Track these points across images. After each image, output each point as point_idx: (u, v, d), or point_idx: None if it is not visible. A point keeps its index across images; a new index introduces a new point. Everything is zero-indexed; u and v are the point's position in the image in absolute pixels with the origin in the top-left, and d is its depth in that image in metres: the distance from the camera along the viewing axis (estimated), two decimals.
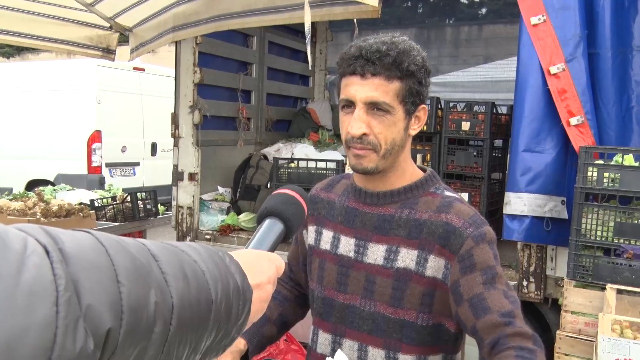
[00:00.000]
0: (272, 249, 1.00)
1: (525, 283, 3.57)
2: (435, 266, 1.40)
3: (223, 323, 0.74)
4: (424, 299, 1.41)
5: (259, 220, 1.06)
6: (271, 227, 1.03)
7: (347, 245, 1.53)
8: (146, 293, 0.63)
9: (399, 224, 1.46)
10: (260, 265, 0.87)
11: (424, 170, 1.55)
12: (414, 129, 1.47)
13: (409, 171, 1.51)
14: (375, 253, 1.47)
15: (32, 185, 8.89)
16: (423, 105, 1.46)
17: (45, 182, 8.67)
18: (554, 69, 3.33)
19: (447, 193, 1.50)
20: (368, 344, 1.47)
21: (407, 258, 1.43)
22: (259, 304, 0.84)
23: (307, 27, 2.87)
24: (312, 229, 1.65)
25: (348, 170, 3.20)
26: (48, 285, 0.54)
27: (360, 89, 1.37)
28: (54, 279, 0.55)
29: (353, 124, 1.38)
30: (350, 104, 1.40)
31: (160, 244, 0.71)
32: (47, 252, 0.57)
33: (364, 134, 1.38)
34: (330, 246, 1.56)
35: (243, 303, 0.77)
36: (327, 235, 1.59)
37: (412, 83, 1.38)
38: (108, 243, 0.64)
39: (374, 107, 1.38)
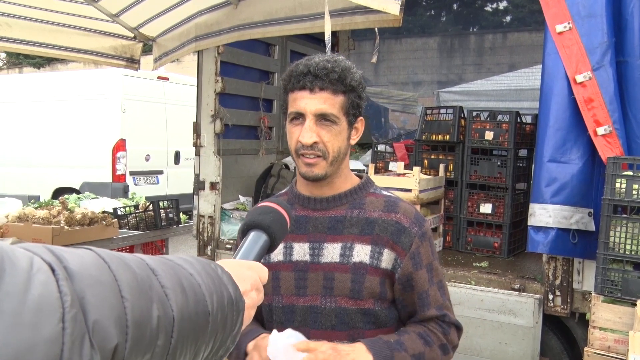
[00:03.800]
0: (258, 259, 1.05)
1: (550, 296, 3.48)
2: (388, 259, 1.58)
3: (219, 333, 0.76)
4: (380, 288, 1.57)
5: (242, 236, 1.12)
6: (254, 239, 1.09)
7: (301, 251, 1.63)
8: (149, 307, 0.65)
9: (351, 222, 1.61)
10: (242, 273, 0.89)
11: (359, 177, 1.72)
12: (354, 139, 1.64)
13: (350, 176, 1.69)
14: (331, 252, 1.60)
15: (58, 193, 9.01)
16: (361, 117, 1.63)
17: (71, 190, 8.79)
18: (580, 78, 3.26)
19: (385, 193, 1.70)
20: (333, 339, 1.56)
21: (361, 253, 1.58)
22: (247, 312, 0.86)
23: (328, 36, 2.86)
24: None
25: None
26: (54, 302, 0.56)
27: (310, 102, 1.52)
28: (59, 295, 0.57)
29: (304, 134, 1.52)
30: (299, 116, 1.55)
31: (157, 259, 0.73)
32: (53, 270, 0.58)
33: (315, 142, 1.53)
34: (284, 256, 1.65)
35: (237, 313, 0.80)
36: (278, 247, 1.62)
37: (354, 97, 1.56)
38: (110, 259, 0.66)
39: (322, 118, 1.53)
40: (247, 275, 0.90)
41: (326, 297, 1.59)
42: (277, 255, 1.66)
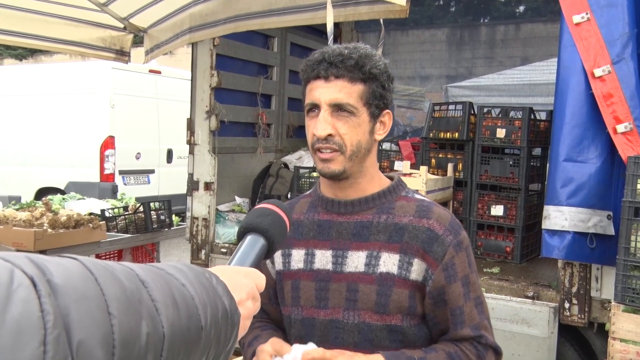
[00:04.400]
0: (255, 264, 1.04)
1: (567, 305, 3.47)
2: (418, 270, 1.51)
3: (212, 349, 0.75)
4: (409, 302, 1.51)
5: (239, 239, 1.11)
6: (251, 243, 1.09)
7: (323, 259, 1.59)
8: (138, 324, 0.63)
9: (378, 229, 1.55)
10: (237, 282, 0.88)
11: (390, 178, 1.67)
12: (380, 134, 1.57)
13: (377, 177, 1.62)
14: (356, 260, 1.54)
15: (41, 193, 9.01)
16: (387, 110, 1.57)
17: (55, 191, 8.78)
18: (598, 72, 3.25)
19: (418, 196, 1.63)
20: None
21: (389, 262, 1.52)
22: (242, 322, 0.85)
23: (330, 27, 2.85)
24: (278, 255, 1.67)
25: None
26: (36, 322, 0.55)
27: (324, 91, 1.48)
28: (42, 315, 0.55)
29: (318, 126, 1.48)
30: (315, 107, 1.51)
31: (147, 268, 0.72)
32: (35, 285, 0.57)
33: (330, 135, 1.48)
34: (304, 264, 1.61)
35: (231, 327, 0.79)
36: (298, 254, 1.62)
37: (375, 86, 1.50)
38: (97, 271, 0.64)
39: (338, 108, 1.48)
40: (243, 284, 0.89)
41: (349, 311, 1.53)
42: (298, 262, 1.62)
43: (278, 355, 1.47)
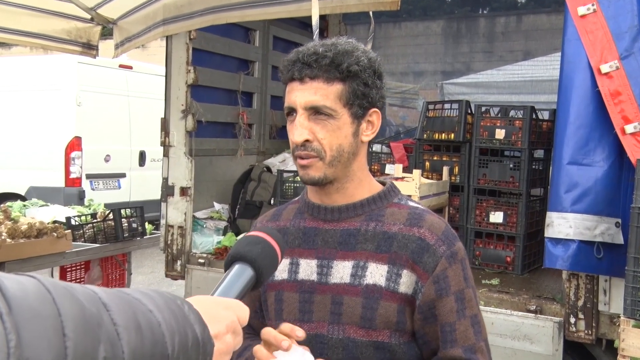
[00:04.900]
0: (240, 296, 1.06)
1: (572, 320, 3.49)
2: (407, 282, 1.51)
3: None
4: (397, 316, 1.50)
5: (225, 269, 1.12)
6: (237, 273, 1.10)
7: (308, 269, 1.59)
8: (95, 347, 0.64)
9: (366, 237, 1.55)
10: (217, 313, 0.89)
11: (382, 183, 1.67)
12: (367, 135, 1.57)
13: (367, 182, 1.62)
14: (341, 271, 1.55)
15: (0, 199, 8.92)
16: (374, 109, 1.57)
17: (15, 196, 8.69)
18: (605, 68, 3.27)
19: (411, 203, 1.64)
20: None
21: (376, 273, 1.52)
22: (219, 357, 0.85)
23: (315, 20, 2.85)
24: None
25: None
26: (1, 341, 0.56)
27: (299, 94, 1.49)
28: (4, 333, 0.56)
29: (295, 132, 1.50)
30: (292, 111, 1.52)
31: (111, 291, 0.73)
32: None
33: (307, 141, 1.49)
34: (288, 274, 1.62)
35: (203, 357, 0.79)
36: (283, 263, 1.61)
37: (357, 84, 1.50)
38: (54, 289, 0.65)
39: (315, 112, 1.49)
40: (223, 316, 0.90)
41: (333, 325, 1.53)
42: (282, 272, 1.63)
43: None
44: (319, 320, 1.55)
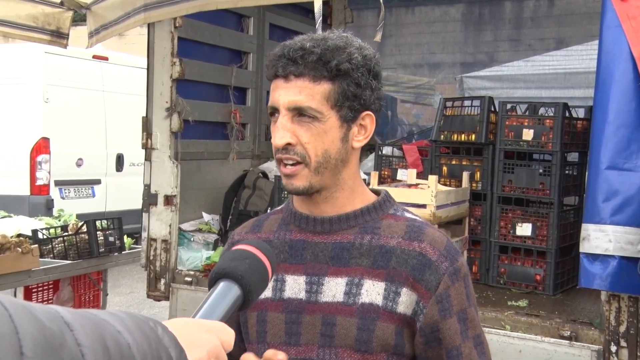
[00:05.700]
0: (225, 317, 1.07)
1: (613, 348, 3.48)
2: (407, 301, 1.54)
3: None
4: (395, 339, 1.54)
5: (209, 287, 1.14)
6: (222, 292, 1.11)
7: (295, 286, 1.62)
8: None
9: (361, 251, 1.59)
10: (197, 337, 0.90)
11: (376, 193, 1.71)
12: (359, 141, 1.61)
13: (359, 191, 1.66)
14: (334, 288, 1.58)
15: None
16: (368, 112, 1.59)
17: None
18: None
19: (408, 215, 1.68)
20: None
21: (372, 291, 1.55)
22: None
23: (318, 6, 2.87)
24: None
25: None
26: None
27: (283, 92, 1.54)
28: None
29: (276, 134, 1.54)
30: (275, 112, 1.56)
31: (76, 312, 0.75)
32: None
33: (289, 144, 1.53)
34: (273, 291, 1.64)
35: None
36: None
37: (347, 84, 1.53)
38: (13, 307, 0.67)
39: (299, 113, 1.53)
40: (204, 340, 0.91)
41: (324, 348, 1.56)
42: (265, 290, 1.62)
43: None
44: (307, 343, 1.58)
